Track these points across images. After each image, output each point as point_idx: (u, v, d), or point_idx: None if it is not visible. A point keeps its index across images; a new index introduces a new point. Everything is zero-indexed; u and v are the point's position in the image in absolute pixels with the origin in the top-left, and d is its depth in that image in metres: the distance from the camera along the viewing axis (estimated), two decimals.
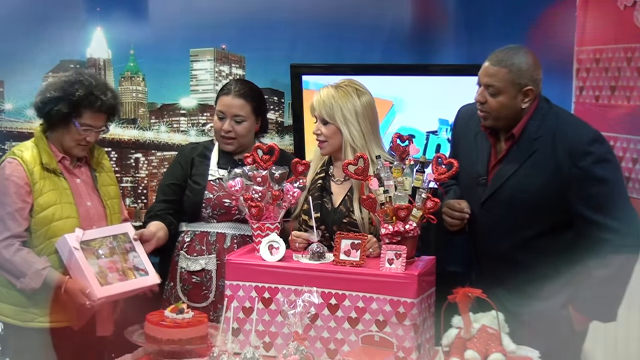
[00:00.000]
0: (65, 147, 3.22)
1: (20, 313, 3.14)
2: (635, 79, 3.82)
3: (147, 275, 3.19)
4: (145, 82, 4.61)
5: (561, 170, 2.98)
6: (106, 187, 3.34)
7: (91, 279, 3.02)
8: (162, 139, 4.62)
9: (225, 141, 3.47)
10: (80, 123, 3.16)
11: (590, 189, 2.96)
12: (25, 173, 3.12)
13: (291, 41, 4.48)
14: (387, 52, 4.45)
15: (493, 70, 3.00)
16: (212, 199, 3.44)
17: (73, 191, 3.20)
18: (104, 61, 4.54)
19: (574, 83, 4.25)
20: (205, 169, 3.50)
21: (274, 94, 4.57)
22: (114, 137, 4.56)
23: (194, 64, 4.59)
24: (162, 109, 4.63)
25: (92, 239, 3.13)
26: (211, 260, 3.43)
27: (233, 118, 3.44)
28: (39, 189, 3.13)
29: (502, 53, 3.02)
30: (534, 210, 3.03)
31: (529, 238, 3.06)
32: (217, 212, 3.44)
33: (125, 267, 3.16)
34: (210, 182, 3.46)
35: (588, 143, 2.98)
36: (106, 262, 3.11)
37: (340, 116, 3.10)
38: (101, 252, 3.12)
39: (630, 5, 3.83)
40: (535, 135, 3.03)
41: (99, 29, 4.49)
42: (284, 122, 4.61)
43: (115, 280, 3.09)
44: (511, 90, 2.99)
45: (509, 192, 3.05)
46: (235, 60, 4.60)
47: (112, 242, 3.17)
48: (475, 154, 3.16)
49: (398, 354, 2.66)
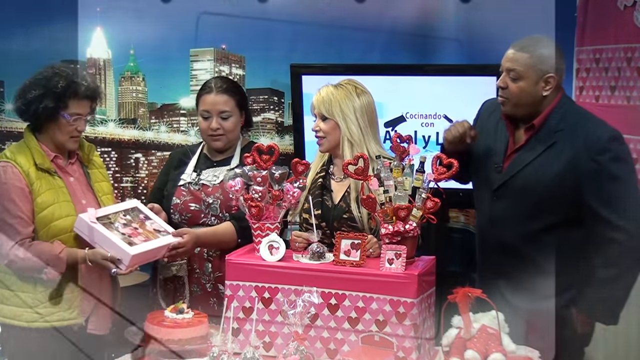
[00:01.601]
0: (57, 143, 3.20)
1: (24, 314, 3.14)
2: (635, 79, 3.82)
3: (168, 235, 3.21)
4: (145, 82, 4.61)
5: (578, 164, 2.97)
6: (99, 183, 3.34)
7: (119, 242, 3.05)
8: (162, 139, 4.62)
9: (213, 139, 3.46)
10: (69, 114, 3.15)
11: (604, 186, 2.96)
12: (22, 175, 3.12)
13: (291, 41, 4.48)
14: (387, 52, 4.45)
15: (515, 56, 3.01)
16: (179, 204, 3.42)
17: (69, 189, 3.20)
18: (104, 61, 4.55)
19: (574, 83, 4.25)
20: (177, 175, 3.49)
21: (274, 94, 4.58)
22: (114, 137, 4.57)
23: (194, 64, 4.60)
24: (162, 109, 4.64)
25: (105, 215, 3.15)
26: (182, 266, 3.41)
27: (219, 115, 3.42)
28: (37, 190, 3.13)
29: (526, 40, 3.05)
30: (546, 202, 3.02)
31: (537, 230, 3.05)
32: (185, 217, 3.43)
33: (146, 231, 3.18)
34: (180, 188, 3.45)
35: (607, 140, 2.99)
36: (127, 230, 3.14)
37: (339, 111, 3.13)
38: (118, 224, 3.15)
39: (630, 5, 3.83)
40: (556, 128, 3.03)
41: (99, 29, 4.50)
42: (284, 122, 4.61)
43: (141, 242, 3.12)
44: (532, 76, 2.99)
45: (522, 181, 3.05)
46: (235, 60, 4.61)
47: (125, 216, 3.20)
48: (493, 144, 3.17)
49: (398, 354, 2.66)
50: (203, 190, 3.39)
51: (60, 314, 3.15)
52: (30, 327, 3.14)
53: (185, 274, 3.41)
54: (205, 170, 3.45)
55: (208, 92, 3.44)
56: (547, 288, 3.03)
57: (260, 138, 4.55)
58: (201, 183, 3.42)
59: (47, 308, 3.14)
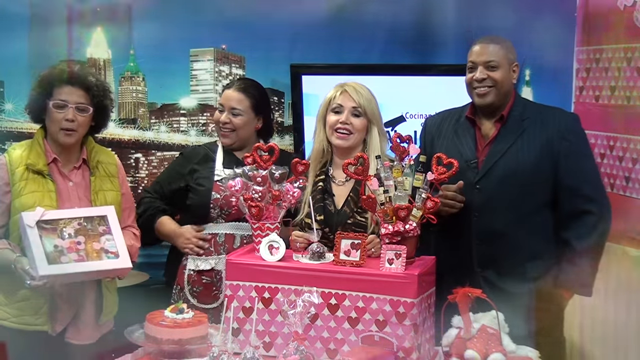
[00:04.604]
0: (53, 137, 3.17)
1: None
2: (635, 79, 3.82)
3: (117, 258, 3.09)
4: (145, 82, 4.61)
5: (551, 144, 3.17)
6: (104, 192, 3.25)
7: (38, 256, 2.94)
8: (162, 139, 4.62)
9: (223, 133, 3.54)
10: (53, 102, 3.12)
11: (577, 162, 3.19)
12: (7, 172, 3.10)
13: (291, 41, 4.48)
14: (387, 52, 4.45)
15: (489, 48, 3.21)
16: (219, 199, 3.47)
17: (60, 194, 3.15)
18: (104, 61, 4.54)
19: (574, 83, 4.25)
20: (209, 170, 3.53)
21: (274, 94, 4.57)
22: (114, 137, 4.56)
23: (194, 64, 4.59)
24: (162, 109, 4.63)
25: (59, 219, 3.05)
26: (221, 260, 3.45)
27: (230, 111, 3.52)
28: (18, 191, 3.09)
29: (487, 37, 3.27)
30: (526, 185, 3.17)
31: (522, 214, 3.17)
32: (225, 212, 3.46)
33: (91, 249, 3.06)
34: (216, 183, 3.48)
35: (573, 121, 3.27)
36: (67, 242, 3.02)
37: (374, 113, 3.19)
38: (65, 232, 3.04)
39: (630, 5, 3.83)
40: (522, 117, 3.24)
41: (99, 29, 4.49)
42: (284, 122, 4.61)
43: (70, 261, 3.00)
44: (506, 65, 3.22)
45: (502, 169, 3.18)
46: (235, 60, 4.61)
47: (82, 224, 3.08)
48: (459, 145, 3.27)
49: (398, 354, 2.66)
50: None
51: (25, 318, 3.12)
52: (1, 325, 3.12)
53: (224, 268, 3.40)
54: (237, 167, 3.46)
55: (228, 87, 3.60)
56: (536, 270, 3.19)
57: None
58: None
59: (14, 310, 3.13)
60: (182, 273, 3.52)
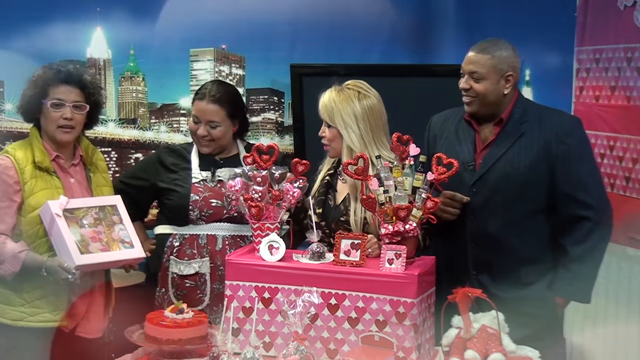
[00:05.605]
0: (50, 137, 3.18)
1: (9, 311, 3.12)
2: (635, 79, 3.82)
3: (132, 248, 3.13)
4: (145, 82, 4.61)
5: (549, 148, 3.13)
6: (100, 187, 3.29)
7: (71, 246, 2.97)
8: (162, 139, 4.62)
9: (202, 144, 3.46)
10: (49, 101, 3.13)
11: (574, 166, 3.13)
12: (17, 172, 3.10)
13: (291, 41, 4.48)
14: (387, 53, 4.45)
15: (477, 58, 3.16)
16: (198, 201, 3.41)
17: (66, 190, 3.16)
18: (104, 61, 4.54)
19: (574, 83, 4.25)
20: (186, 172, 3.47)
21: (274, 94, 4.57)
22: (114, 137, 4.56)
23: (194, 64, 4.59)
24: (162, 109, 4.63)
25: (76, 208, 3.08)
26: (204, 263, 3.40)
27: (208, 124, 3.42)
28: (30, 189, 3.10)
29: (484, 43, 3.19)
30: (523, 189, 3.14)
31: (518, 218, 3.15)
32: (205, 213, 3.41)
33: (110, 238, 3.10)
34: (194, 185, 3.43)
35: (573, 125, 3.21)
36: (89, 232, 3.06)
37: (340, 120, 3.14)
38: (85, 222, 3.07)
39: (630, 5, 3.83)
40: (521, 120, 3.19)
41: (99, 29, 4.49)
42: (284, 122, 4.61)
43: (97, 250, 3.04)
44: (494, 76, 3.14)
45: (499, 172, 3.16)
46: (235, 60, 4.61)
47: (98, 213, 3.12)
48: (458, 146, 3.26)
49: (398, 354, 2.66)
50: (222, 186, 3.34)
51: (44, 315, 3.12)
52: (15, 326, 3.11)
53: (207, 271, 3.39)
54: (217, 168, 3.45)
55: (200, 99, 3.43)
56: (531, 275, 3.17)
57: (260, 138, 4.54)
58: (218, 179, 3.41)
59: (32, 308, 3.11)
60: (165, 275, 3.47)
